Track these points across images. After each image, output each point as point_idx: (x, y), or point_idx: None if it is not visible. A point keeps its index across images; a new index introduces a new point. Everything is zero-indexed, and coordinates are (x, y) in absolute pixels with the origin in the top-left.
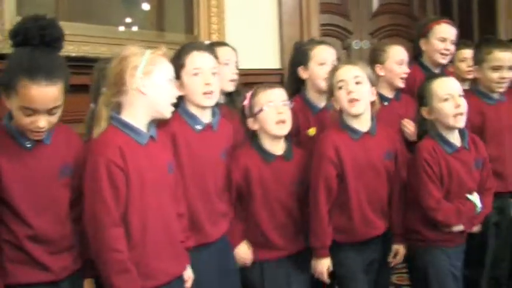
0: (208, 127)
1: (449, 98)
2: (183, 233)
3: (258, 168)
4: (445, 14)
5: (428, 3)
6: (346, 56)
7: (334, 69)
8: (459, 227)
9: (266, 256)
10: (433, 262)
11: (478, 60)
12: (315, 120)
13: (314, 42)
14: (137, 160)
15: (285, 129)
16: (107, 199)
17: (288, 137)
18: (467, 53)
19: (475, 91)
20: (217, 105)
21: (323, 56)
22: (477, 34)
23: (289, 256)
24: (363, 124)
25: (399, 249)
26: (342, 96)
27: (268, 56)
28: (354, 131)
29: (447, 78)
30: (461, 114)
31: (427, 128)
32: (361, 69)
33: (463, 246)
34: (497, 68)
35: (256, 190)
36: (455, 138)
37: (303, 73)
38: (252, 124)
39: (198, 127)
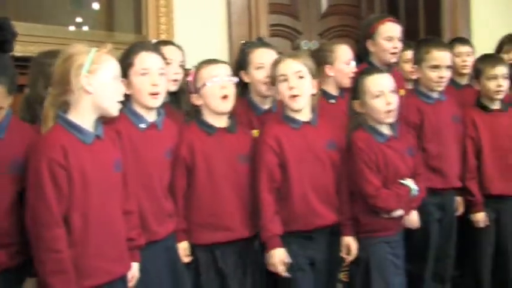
0: (152, 126)
1: (380, 95)
2: (133, 230)
3: (201, 141)
4: (392, 15)
5: (376, 5)
6: None
7: (277, 62)
8: (399, 212)
9: (216, 238)
10: (374, 252)
11: (417, 60)
12: (259, 122)
13: (253, 45)
14: (81, 159)
15: (228, 104)
16: (49, 198)
17: (232, 114)
18: (411, 54)
19: (415, 90)
20: (162, 104)
21: (261, 60)
22: (423, 35)
23: (243, 239)
24: (303, 115)
25: (349, 242)
26: (283, 90)
27: (216, 56)
28: (293, 121)
29: (380, 75)
30: (391, 110)
31: (360, 120)
32: (303, 63)
33: (402, 234)
34: (435, 67)
35: (199, 163)
36: (386, 129)
37: (244, 77)
38: (196, 100)
39: (143, 126)
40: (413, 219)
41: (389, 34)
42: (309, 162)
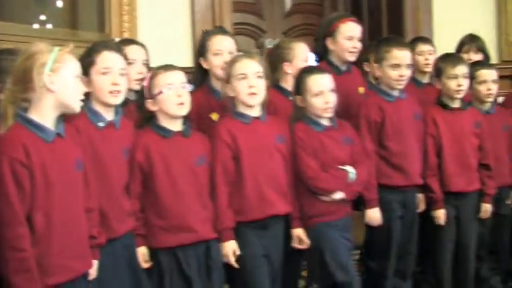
0: (110, 125)
1: (319, 94)
2: (95, 228)
3: (157, 144)
4: (355, 14)
5: (340, 4)
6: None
7: (235, 61)
8: (340, 195)
9: (180, 240)
10: (325, 236)
11: (378, 59)
12: (219, 106)
13: (212, 33)
14: (42, 157)
15: (185, 110)
16: (11, 197)
17: (186, 118)
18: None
19: (376, 89)
20: (127, 102)
21: (219, 47)
22: (386, 34)
23: (206, 240)
24: (254, 111)
25: (299, 233)
26: (242, 88)
27: (181, 54)
28: (244, 116)
29: (321, 75)
30: (329, 108)
31: (300, 114)
32: (261, 64)
33: (348, 220)
34: (396, 66)
35: (158, 168)
36: (324, 120)
37: (204, 63)
38: (151, 105)
39: (101, 124)
40: (375, 216)
41: (350, 34)
42: (260, 155)
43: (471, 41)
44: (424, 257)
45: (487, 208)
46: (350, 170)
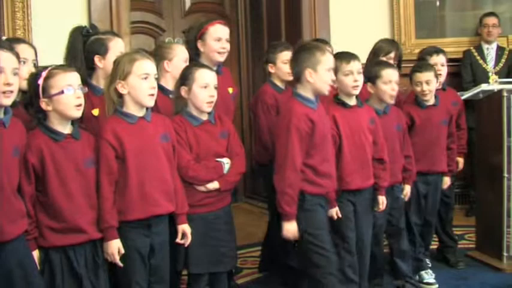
0: (0, 124)
1: (206, 87)
2: None
3: (50, 148)
4: (255, 14)
5: (240, 3)
6: None
7: (134, 59)
8: (214, 185)
9: (69, 241)
10: (192, 228)
11: (312, 63)
12: (98, 102)
13: (109, 33)
14: None
15: (81, 111)
16: None
17: (74, 121)
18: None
19: (298, 97)
20: (15, 103)
21: (120, 49)
22: (284, 34)
23: (92, 240)
24: (139, 111)
25: (184, 228)
26: (143, 88)
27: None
28: (129, 116)
29: (206, 70)
30: (211, 102)
31: (181, 107)
32: (155, 64)
33: (226, 209)
34: (330, 70)
35: (50, 171)
36: (202, 115)
37: (99, 62)
38: (45, 105)
39: None
40: (293, 230)
41: (218, 35)
42: (145, 155)
43: (397, 49)
44: None
45: (383, 200)
46: (225, 161)
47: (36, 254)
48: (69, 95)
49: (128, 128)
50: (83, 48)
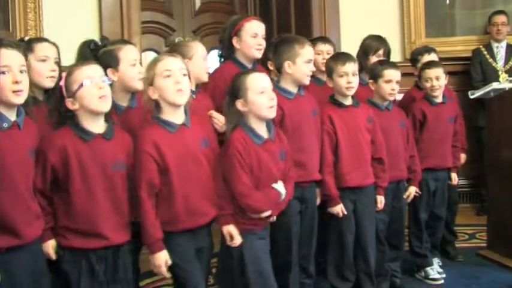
0: (14, 126)
1: (264, 92)
2: None
3: (75, 147)
4: (265, 13)
5: (249, 3)
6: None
7: (157, 60)
8: (267, 213)
9: (89, 245)
10: (247, 243)
11: (291, 56)
12: (119, 121)
13: (119, 42)
14: None
15: (107, 104)
16: None
17: (109, 117)
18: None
19: (276, 87)
20: (37, 102)
21: (133, 57)
22: (294, 32)
23: (114, 246)
24: (178, 116)
25: (230, 230)
26: (168, 85)
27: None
28: (169, 124)
29: (257, 74)
30: (273, 106)
31: (238, 121)
32: (183, 62)
33: (267, 228)
34: (309, 62)
35: (74, 172)
36: (263, 131)
37: (112, 75)
38: (71, 104)
39: (5, 125)
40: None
41: (254, 31)
42: (187, 164)
43: (385, 45)
44: (326, 247)
45: (381, 200)
46: (282, 191)
47: (50, 243)
48: (89, 86)
49: (169, 138)
50: None
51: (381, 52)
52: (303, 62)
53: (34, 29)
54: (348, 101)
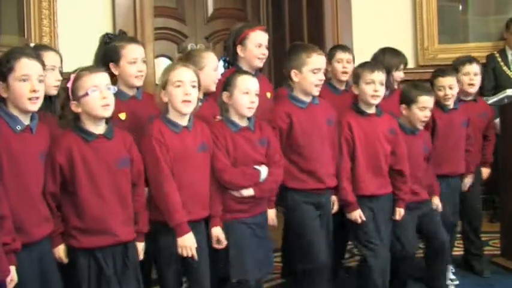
0: (27, 129)
1: (248, 93)
2: (8, 235)
3: (80, 148)
4: (277, 20)
5: (262, 9)
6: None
7: (172, 68)
8: (249, 192)
9: (99, 243)
10: (233, 232)
11: (298, 65)
12: (124, 106)
13: (124, 40)
14: None
15: (110, 111)
16: None
17: (108, 120)
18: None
19: (288, 96)
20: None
21: (134, 56)
22: (307, 40)
23: (122, 243)
24: (183, 120)
25: (217, 232)
26: (177, 95)
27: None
28: (174, 124)
29: (249, 77)
30: (252, 108)
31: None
32: (196, 74)
33: (264, 218)
34: (316, 71)
35: (80, 172)
36: (242, 121)
37: (114, 69)
38: (75, 107)
39: (18, 127)
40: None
41: (259, 41)
42: (183, 163)
43: (403, 57)
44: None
45: (400, 212)
46: (262, 169)
47: (61, 248)
48: (94, 96)
49: (172, 136)
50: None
51: (402, 66)
52: (309, 70)
53: (49, 36)
54: (371, 110)
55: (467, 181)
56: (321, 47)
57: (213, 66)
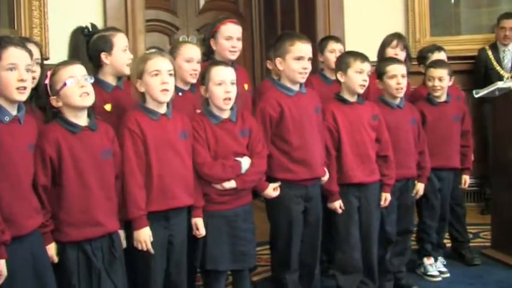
0: (15, 120)
1: (222, 83)
2: None
3: (67, 140)
4: (269, 12)
5: (254, 1)
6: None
7: (148, 57)
8: (231, 184)
9: (86, 234)
10: (210, 224)
11: (281, 53)
12: (109, 97)
13: (110, 29)
14: None
15: (89, 100)
16: None
17: (91, 111)
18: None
19: (276, 84)
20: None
21: (125, 43)
22: (298, 31)
23: (108, 233)
24: (161, 108)
25: (196, 222)
26: (155, 84)
27: None
28: (152, 112)
29: (221, 67)
30: (228, 98)
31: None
32: (172, 63)
33: (247, 210)
34: (300, 59)
35: (67, 163)
36: (223, 113)
37: (105, 59)
38: (55, 102)
39: (6, 118)
40: (270, 193)
41: (228, 34)
42: (165, 149)
43: (399, 38)
44: (332, 245)
45: (386, 197)
46: (244, 160)
47: (52, 246)
48: (71, 86)
49: (150, 123)
50: (87, 47)
51: (394, 43)
52: (292, 58)
53: (39, 27)
54: (353, 98)
55: (467, 179)
56: (312, 38)
57: (184, 58)
